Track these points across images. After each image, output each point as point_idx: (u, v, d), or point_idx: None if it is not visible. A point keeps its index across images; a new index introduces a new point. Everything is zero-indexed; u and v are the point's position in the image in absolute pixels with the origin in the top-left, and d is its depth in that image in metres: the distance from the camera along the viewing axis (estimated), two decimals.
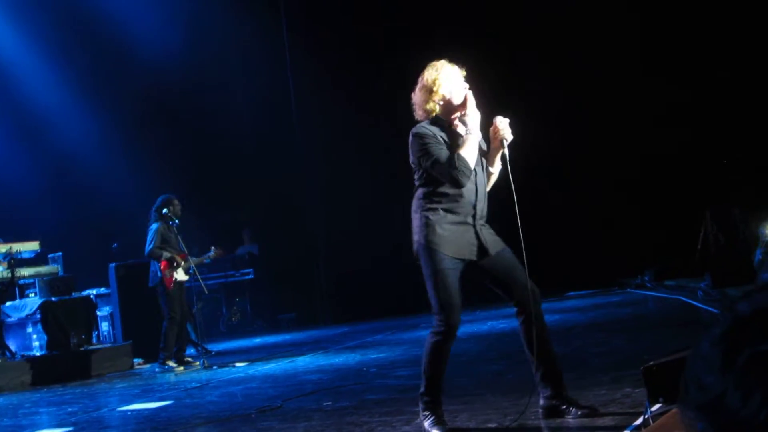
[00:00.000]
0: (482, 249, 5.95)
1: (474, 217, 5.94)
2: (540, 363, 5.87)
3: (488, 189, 6.14)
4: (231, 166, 19.48)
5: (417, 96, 6.06)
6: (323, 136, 18.68)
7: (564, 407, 5.84)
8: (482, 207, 6.01)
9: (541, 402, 5.92)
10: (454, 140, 5.90)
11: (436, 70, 5.98)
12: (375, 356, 11.49)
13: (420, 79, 6.05)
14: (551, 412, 5.88)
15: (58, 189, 18.44)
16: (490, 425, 5.96)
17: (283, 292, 19.56)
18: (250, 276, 19.27)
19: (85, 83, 18.67)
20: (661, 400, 4.95)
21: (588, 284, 16.80)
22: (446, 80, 5.95)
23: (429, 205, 5.89)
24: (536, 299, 6.05)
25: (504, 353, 9.64)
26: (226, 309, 19.28)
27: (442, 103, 5.95)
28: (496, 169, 6.16)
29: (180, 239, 12.99)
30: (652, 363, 4.99)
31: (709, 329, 1.46)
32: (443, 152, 5.81)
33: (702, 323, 10.05)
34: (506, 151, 6.02)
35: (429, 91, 5.96)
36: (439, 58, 6.10)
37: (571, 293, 16.82)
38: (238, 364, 12.28)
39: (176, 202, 13.09)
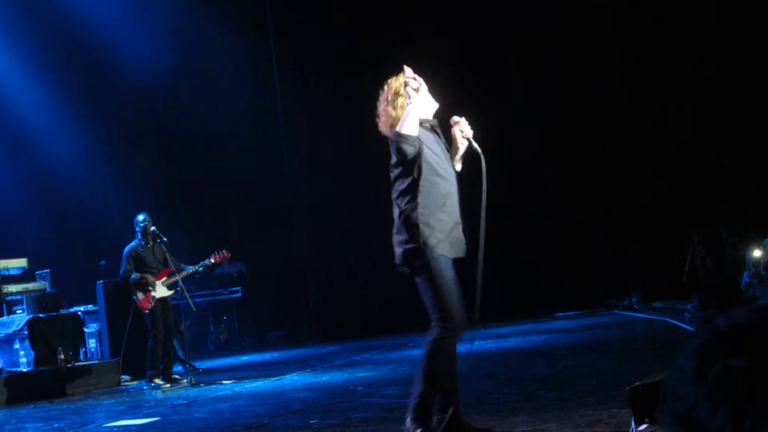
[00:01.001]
0: (465, 249, 6.03)
1: (460, 215, 6.02)
2: (452, 386, 5.91)
3: None
4: (218, 182, 19.49)
5: (385, 108, 6.15)
6: (311, 153, 18.71)
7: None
8: (461, 206, 6.08)
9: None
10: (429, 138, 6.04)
11: (396, 80, 6.10)
12: (362, 375, 11.49)
13: (381, 94, 6.17)
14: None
15: (46, 205, 18.40)
16: None
17: (270, 310, 19.54)
18: (238, 294, 19.26)
19: (71, 99, 18.67)
20: (646, 420, 4.97)
21: (576, 305, 16.84)
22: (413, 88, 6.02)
23: (424, 210, 5.89)
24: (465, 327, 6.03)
25: (491, 373, 9.64)
26: (213, 326, 19.26)
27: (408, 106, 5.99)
28: (458, 166, 6.25)
29: (167, 255, 12.99)
30: (638, 384, 5.01)
31: (687, 341, 1.49)
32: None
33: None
34: (476, 145, 6.14)
35: (396, 95, 6.06)
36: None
37: (559, 314, 16.85)
38: (225, 382, 12.27)
39: (140, 218, 13.18)
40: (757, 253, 13.27)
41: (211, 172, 19.48)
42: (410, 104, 5.90)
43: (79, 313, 14.72)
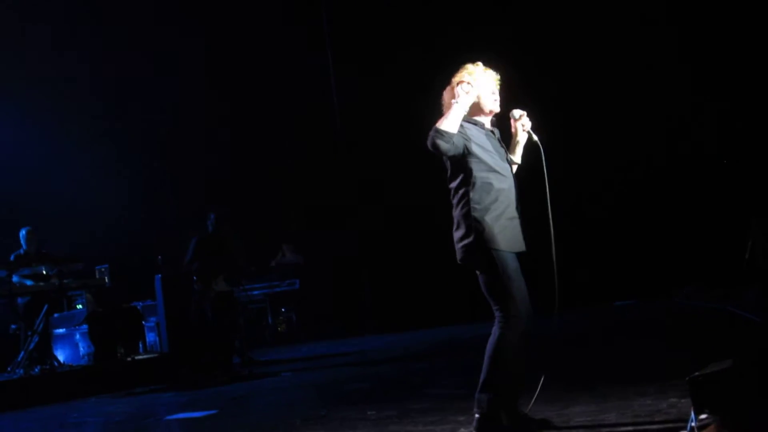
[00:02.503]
0: (525, 243, 6.05)
1: (517, 209, 6.03)
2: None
3: None
4: (274, 178, 19.54)
5: (446, 96, 6.14)
6: (365, 142, 18.66)
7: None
8: (518, 200, 6.08)
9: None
10: (486, 138, 6.07)
11: (470, 74, 6.08)
12: (420, 365, 11.48)
13: (451, 81, 6.14)
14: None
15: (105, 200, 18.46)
16: None
17: (328, 301, 19.57)
18: (296, 286, 19.29)
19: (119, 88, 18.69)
20: (706, 410, 4.90)
21: (635, 293, 16.68)
22: (481, 85, 6.06)
23: (478, 205, 5.93)
24: (533, 317, 6.01)
25: (549, 361, 9.56)
26: (271, 318, 19.32)
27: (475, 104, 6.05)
28: (517, 159, 6.32)
29: (230, 250, 13.16)
30: (698, 374, 4.95)
31: (748, 345, 1.46)
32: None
33: (749, 334, 9.95)
34: (535, 137, 6.20)
35: (452, 90, 6.05)
36: (473, 59, 6.19)
37: (619, 302, 16.71)
38: (283, 374, 12.31)
39: (215, 216, 13.38)
40: None
41: (265, 164, 19.51)
42: (456, 103, 5.90)
43: (138, 307, 14.85)
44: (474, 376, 5.97)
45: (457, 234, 6.03)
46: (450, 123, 5.83)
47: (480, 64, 6.16)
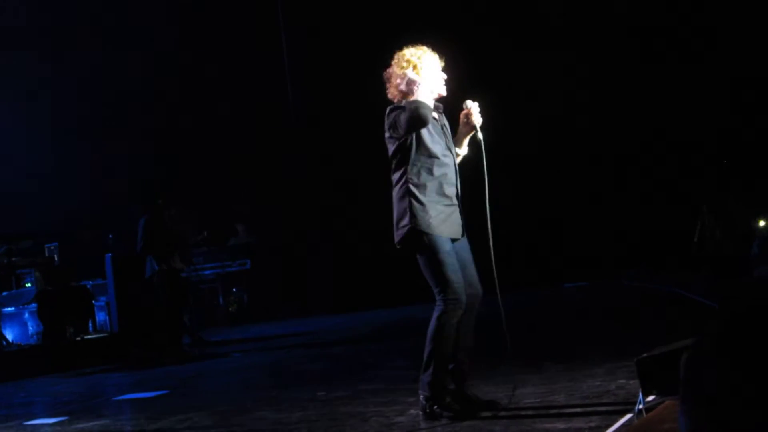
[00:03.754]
0: (462, 230, 6.09)
1: (457, 197, 6.07)
2: (455, 359, 5.99)
3: None
4: (227, 156, 19.42)
5: (393, 76, 6.12)
6: (320, 120, 18.59)
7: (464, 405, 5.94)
8: (459, 187, 6.11)
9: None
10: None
11: (418, 57, 6.08)
12: (372, 346, 11.51)
13: (398, 57, 6.13)
14: None
15: (57, 180, 18.28)
16: (485, 413, 5.97)
17: (280, 281, 19.53)
18: (248, 266, 19.23)
19: (69, 67, 18.47)
20: (654, 392, 4.96)
21: (584, 275, 16.81)
22: (428, 67, 6.07)
23: (415, 189, 5.95)
24: (479, 300, 6.13)
25: (499, 344, 9.62)
26: (223, 299, 19.26)
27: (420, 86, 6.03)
28: (463, 151, 6.31)
29: (177, 229, 13.06)
30: (646, 355, 5.00)
31: (706, 327, 1.47)
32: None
33: (697, 316, 10.05)
34: (480, 135, 6.15)
35: (408, 63, 6.06)
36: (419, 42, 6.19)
37: (568, 284, 16.83)
38: (234, 354, 12.30)
39: (161, 195, 13.27)
40: (762, 223, 13.25)
41: (216, 143, 19.39)
42: (417, 85, 5.93)
43: (87, 286, 14.74)
44: None
45: (396, 217, 6.07)
46: (425, 102, 5.89)
47: (424, 47, 6.16)
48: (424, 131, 5.95)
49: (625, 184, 16.81)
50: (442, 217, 5.95)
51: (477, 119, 6.16)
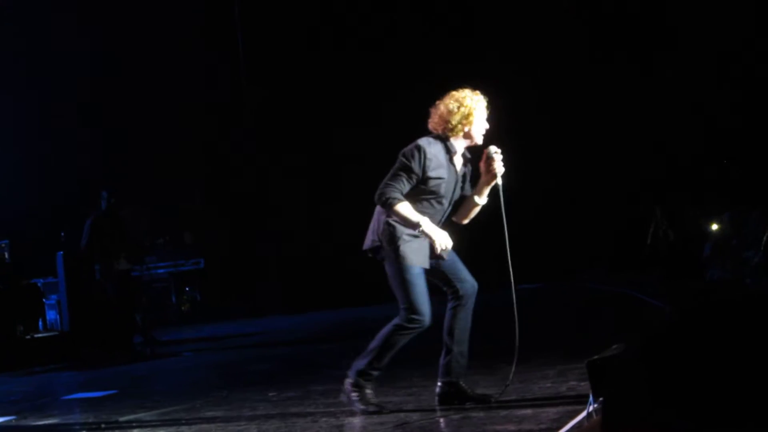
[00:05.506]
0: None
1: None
2: (453, 351, 6.23)
3: (470, 217, 6.55)
4: (181, 155, 19.29)
5: (444, 110, 6.20)
6: (276, 125, 18.49)
7: (458, 397, 6.18)
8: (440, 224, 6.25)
9: (438, 389, 6.25)
10: (449, 163, 6.21)
11: (475, 101, 6.22)
12: (325, 347, 11.47)
13: (454, 96, 6.23)
14: (445, 398, 6.21)
15: (6, 175, 18.06)
16: (435, 415, 5.96)
17: (233, 282, 19.43)
18: (201, 265, 19.11)
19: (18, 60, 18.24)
20: (600, 399, 4.93)
21: (539, 276, 16.83)
22: (479, 116, 6.23)
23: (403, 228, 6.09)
24: (475, 293, 6.56)
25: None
26: (175, 298, 19.13)
27: (467, 130, 6.19)
28: (482, 200, 6.48)
29: (124, 228, 12.98)
30: (596, 357, 4.99)
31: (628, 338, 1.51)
32: (400, 187, 6.04)
33: (649, 317, 10.10)
34: (499, 182, 6.34)
35: (463, 116, 6.16)
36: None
37: (523, 285, 16.82)
38: (185, 354, 12.22)
39: (104, 192, 13.15)
40: (714, 226, 13.36)
41: (174, 145, 19.26)
42: (421, 225, 6.03)
43: (38, 284, 14.57)
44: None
45: (372, 227, 6.26)
46: (400, 208, 6.02)
47: (478, 92, 6.29)
48: (431, 173, 6.10)
49: (580, 185, 16.85)
50: (416, 248, 6.10)
51: (499, 168, 6.29)
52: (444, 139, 6.18)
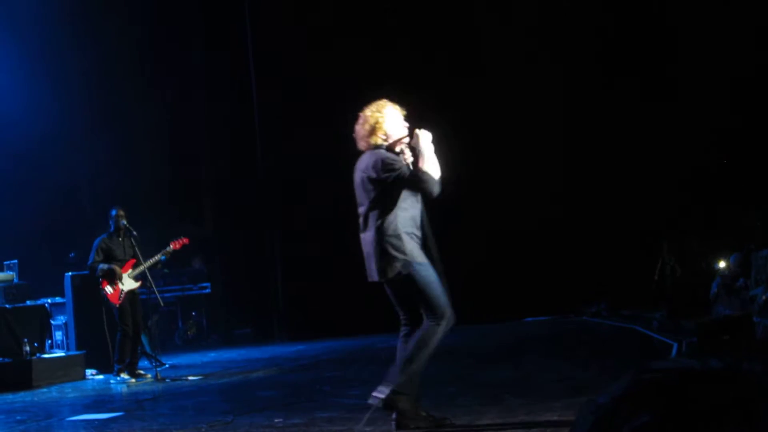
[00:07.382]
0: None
1: (422, 230, 6.60)
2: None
3: None
4: (192, 179, 19.35)
5: (360, 131, 6.69)
6: (286, 149, 18.49)
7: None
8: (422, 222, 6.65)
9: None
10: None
11: (378, 111, 6.64)
12: (329, 374, 11.47)
13: (361, 116, 6.71)
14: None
15: (17, 195, 18.06)
16: None
17: (239, 307, 19.46)
18: (207, 290, 19.15)
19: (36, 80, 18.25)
20: None
21: (545, 310, 16.82)
22: (388, 119, 6.64)
23: (399, 225, 6.41)
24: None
25: (459, 375, 9.63)
26: (181, 322, 19.15)
27: (384, 137, 6.62)
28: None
29: (136, 249, 13.00)
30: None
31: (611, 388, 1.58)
32: (404, 168, 6.46)
33: (655, 354, 10.11)
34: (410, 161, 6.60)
35: (372, 129, 6.61)
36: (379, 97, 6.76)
37: (529, 318, 16.85)
38: (191, 378, 12.21)
39: (113, 212, 13.16)
40: (722, 263, 13.38)
41: (185, 169, 19.33)
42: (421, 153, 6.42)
43: (46, 304, 14.60)
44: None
45: (378, 252, 6.43)
46: (435, 170, 6.44)
47: (385, 100, 6.72)
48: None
49: (587, 219, 16.84)
50: (417, 245, 6.49)
51: (424, 147, 6.47)
52: (385, 149, 6.62)
